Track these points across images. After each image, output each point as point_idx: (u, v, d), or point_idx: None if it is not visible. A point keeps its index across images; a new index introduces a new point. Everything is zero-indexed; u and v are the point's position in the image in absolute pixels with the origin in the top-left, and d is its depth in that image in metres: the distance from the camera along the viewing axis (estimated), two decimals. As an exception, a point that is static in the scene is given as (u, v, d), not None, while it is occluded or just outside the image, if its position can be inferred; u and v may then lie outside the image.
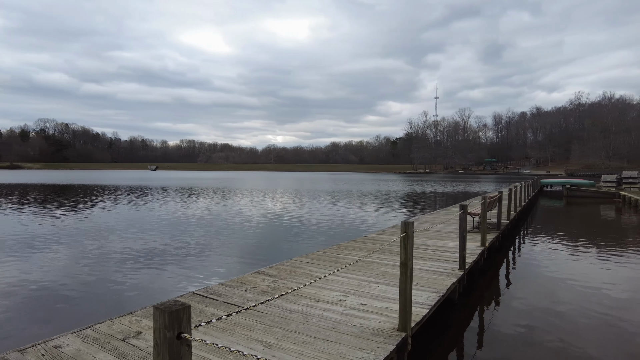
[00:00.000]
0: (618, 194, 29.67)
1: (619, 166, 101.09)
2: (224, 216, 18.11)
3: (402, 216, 19.38)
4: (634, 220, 18.99)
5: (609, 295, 7.15)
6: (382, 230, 11.01)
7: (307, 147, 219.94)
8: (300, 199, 28.77)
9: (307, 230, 14.50)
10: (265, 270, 6.49)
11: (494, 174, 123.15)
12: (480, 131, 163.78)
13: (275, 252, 10.59)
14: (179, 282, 7.68)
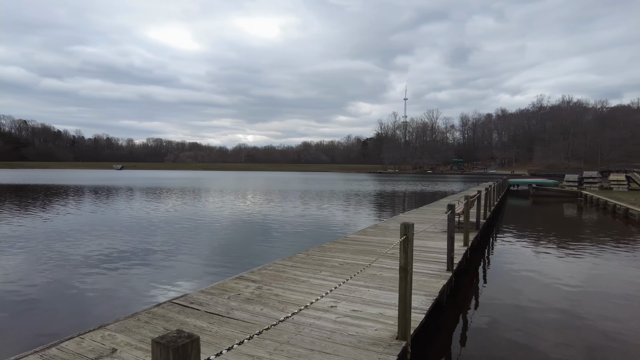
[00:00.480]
0: (580, 192, 30.93)
1: (577, 166, 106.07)
2: (195, 217, 17.45)
3: (378, 216, 19.32)
4: (595, 217, 19.77)
5: (577, 290, 7.24)
6: (363, 230, 10.83)
7: (279, 147, 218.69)
8: (273, 199, 28.30)
9: (284, 231, 14.15)
10: (247, 275, 6.12)
11: (461, 173, 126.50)
12: (448, 132, 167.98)
13: (254, 255, 10.19)
14: (153, 289, 7.17)
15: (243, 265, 8.60)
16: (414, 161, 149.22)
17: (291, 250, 10.03)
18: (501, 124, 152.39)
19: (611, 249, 11.48)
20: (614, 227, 16.33)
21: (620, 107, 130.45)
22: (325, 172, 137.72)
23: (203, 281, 7.37)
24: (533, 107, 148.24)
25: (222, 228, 14.63)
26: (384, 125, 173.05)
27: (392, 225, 11.63)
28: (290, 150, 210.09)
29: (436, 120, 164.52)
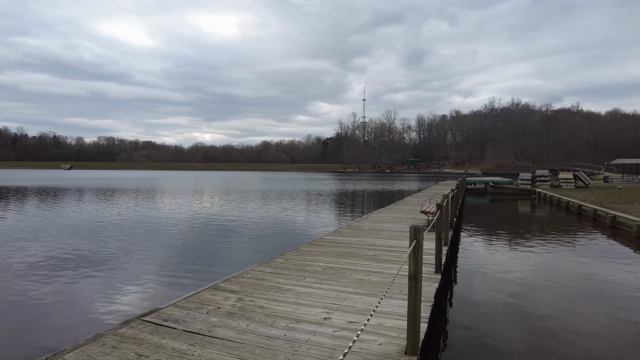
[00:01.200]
0: (534, 190, 32.39)
1: (525, 165, 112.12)
2: (151, 220, 16.38)
3: (346, 216, 19.07)
4: (551, 214, 20.64)
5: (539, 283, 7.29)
6: (337, 231, 10.45)
7: (237, 146, 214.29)
8: (234, 200, 27.38)
9: (251, 233, 13.51)
10: (224, 284, 5.54)
11: (417, 173, 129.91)
12: (405, 132, 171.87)
13: (225, 261, 9.54)
14: (114, 303, 6.38)
15: (214, 273, 7.97)
16: (372, 161, 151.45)
17: (264, 254, 9.49)
18: (455, 125, 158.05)
19: (572, 243, 11.87)
20: (569, 223, 17.02)
21: (562, 110, 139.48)
22: (285, 171, 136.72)
23: (172, 292, 6.67)
24: (485, 109, 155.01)
25: (182, 232, 13.76)
26: (344, 125, 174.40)
27: (366, 225, 11.35)
28: (250, 150, 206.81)
29: (394, 120, 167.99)
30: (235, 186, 44.39)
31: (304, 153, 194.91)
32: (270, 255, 8.49)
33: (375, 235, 9.63)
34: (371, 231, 10.21)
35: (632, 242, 12.18)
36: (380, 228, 10.72)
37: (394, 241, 8.88)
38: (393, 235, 9.59)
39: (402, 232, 10.04)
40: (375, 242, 8.76)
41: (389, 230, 10.32)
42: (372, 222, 12.01)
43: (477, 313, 6.06)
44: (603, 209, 16.58)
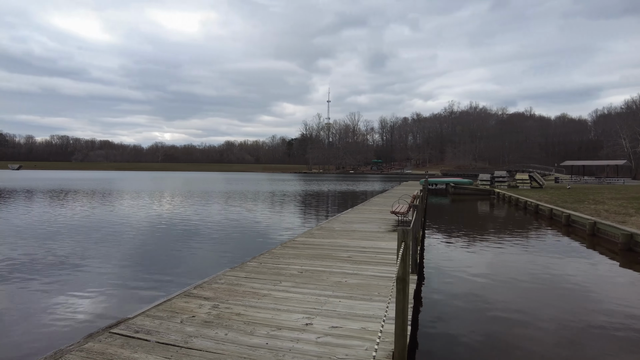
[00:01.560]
0: (493, 191, 33.70)
1: (483, 167, 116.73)
2: (110, 223, 15.58)
3: (314, 216, 18.99)
4: (507, 213, 21.54)
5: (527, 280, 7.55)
6: (309, 232, 10.32)
7: (199, 146, 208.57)
8: (197, 201, 26.63)
9: (218, 236, 13.13)
10: (197, 291, 5.27)
11: (380, 173, 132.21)
12: (368, 134, 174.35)
13: (193, 265, 9.16)
14: (77, 313, 5.92)
15: (183, 279, 7.62)
16: (337, 161, 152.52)
17: (234, 258, 9.22)
18: (416, 127, 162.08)
19: (531, 240, 12.40)
20: (528, 222, 17.79)
21: (516, 114, 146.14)
22: (249, 172, 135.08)
23: (141, 300, 6.30)
24: (445, 112, 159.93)
25: (144, 236, 13.16)
26: (309, 126, 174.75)
27: (337, 225, 11.30)
28: (212, 150, 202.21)
29: (357, 122, 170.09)
30: (198, 187, 43.26)
31: (268, 154, 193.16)
32: (241, 258, 8.24)
33: (347, 236, 9.58)
34: (343, 232, 10.16)
35: (586, 239, 12.85)
36: (351, 229, 10.69)
37: (367, 242, 8.86)
38: (365, 236, 9.58)
39: (374, 233, 10.06)
40: (348, 243, 8.70)
41: (360, 231, 10.31)
42: (342, 222, 11.98)
43: (451, 312, 6.13)
44: (558, 208, 17.44)
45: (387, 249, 8.03)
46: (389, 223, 11.74)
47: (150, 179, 67.56)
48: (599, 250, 11.34)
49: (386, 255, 7.46)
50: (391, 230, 10.40)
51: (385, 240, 8.98)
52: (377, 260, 7.10)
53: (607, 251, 11.07)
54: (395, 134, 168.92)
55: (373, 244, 8.57)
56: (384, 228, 10.85)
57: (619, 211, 15.86)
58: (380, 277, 5.94)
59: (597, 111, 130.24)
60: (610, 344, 5.03)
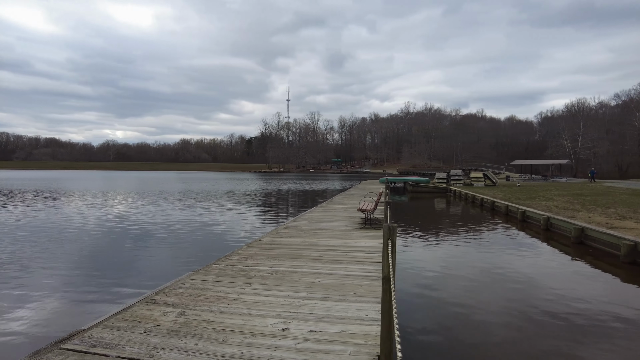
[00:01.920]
0: (449, 188, 34.76)
1: (437, 166, 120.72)
2: (57, 226, 14.47)
3: (277, 215, 18.64)
4: (466, 210, 22.25)
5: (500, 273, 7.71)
6: (275, 231, 10.01)
7: (153, 144, 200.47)
8: (152, 201, 25.46)
9: (177, 238, 12.51)
10: (159, 297, 4.86)
11: (340, 172, 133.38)
12: (328, 133, 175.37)
13: (153, 269, 8.59)
14: (21, 325, 5.29)
15: (143, 284, 7.10)
16: (297, 161, 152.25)
17: (197, 260, 8.75)
18: (374, 127, 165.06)
19: (489, 235, 12.80)
20: (487, 218, 18.42)
21: (469, 115, 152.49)
22: (207, 171, 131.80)
23: (96, 309, 5.75)
24: (401, 113, 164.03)
25: (95, 238, 12.30)
26: (268, 124, 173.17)
27: (304, 224, 11.06)
28: (167, 148, 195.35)
29: (317, 122, 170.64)
30: (152, 187, 41.49)
31: (226, 152, 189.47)
32: (204, 261, 7.82)
33: (315, 234, 9.37)
34: (310, 231, 9.94)
35: (540, 234, 13.43)
36: (319, 227, 10.50)
37: (336, 240, 8.70)
38: (333, 234, 9.41)
39: (342, 231, 9.92)
40: (317, 242, 8.49)
41: (328, 229, 10.14)
42: (308, 221, 11.75)
43: (428, 310, 6.08)
44: (514, 205, 18.18)
45: (357, 247, 7.90)
46: (356, 221, 11.66)
47: (102, 178, 64.12)
48: (552, 244, 11.87)
49: (357, 254, 7.32)
50: (358, 228, 10.30)
51: (354, 238, 8.86)
52: (349, 258, 6.94)
53: (560, 245, 11.61)
54: (354, 134, 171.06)
55: (342, 242, 8.42)
56: (351, 226, 10.75)
57: (567, 207, 16.75)
58: (354, 276, 5.78)
59: (542, 113, 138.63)
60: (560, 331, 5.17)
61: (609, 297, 6.94)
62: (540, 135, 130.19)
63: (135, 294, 6.30)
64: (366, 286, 5.31)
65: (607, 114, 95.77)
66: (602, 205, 17.02)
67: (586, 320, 5.76)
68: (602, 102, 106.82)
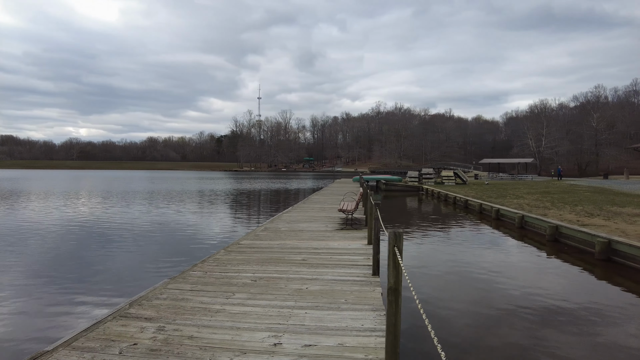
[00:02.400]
0: (421, 187, 35.22)
1: (407, 164, 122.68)
2: (13, 229, 13.51)
3: (251, 216, 18.19)
4: (437, 208, 22.52)
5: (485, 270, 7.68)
6: (253, 234, 9.64)
7: (119, 142, 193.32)
8: (119, 202, 24.39)
9: (147, 241, 11.90)
10: (134, 310, 4.44)
11: (312, 171, 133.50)
12: (300, 132, 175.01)
13: (124, 276, 8.01)
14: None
15: (114, 294, 6.58)
16: (269, 159, 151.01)
17: (171, 266, 8.28)
18: (346, 126, 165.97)
19: (465, 234, 12.90)
20: (462, 216, 18.66)
21: (437, 115, 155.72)
22: (175, 170, 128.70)
23: (61, 325, 5.22)
24: (372, 112, 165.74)
25: (57, 243, 11.51)
26: (239, 123, 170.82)
27: (282, 225, 10.74)
28: (134, 147, 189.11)
29: (289, 120, 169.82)
30: (118, 187, 39.91)
31: (196, 151, 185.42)
32: (179, 266, 7.41)
33: (295, 237, 9.08)
34: (290, 232, 9.64)
35: (515, 232, 13.67)
36: (298, 228, 10.21)
37: (318, 242, 8.44)
38: (314, 236, 9.15)
39: (322, 232, 9.67)
40: (298, 244, 8.20)
41: (308, 231, 9.86)
42: (287, 222, 11.44)
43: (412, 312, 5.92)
44: (487, 203, 18.49)
45: (341, 249, 7.67)
46: (335, 221, 11.45)
47: (64, 178, 61.22)
48: (527, 242, 12.06)
49: (342, 257, 7.08)
50: (339, 229, 10.08)
51: (336, 240, 8.63)
52: (334, 262, 6.69)
53: (536, 242, 11.81)
54: (326, 133, 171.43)
55: (325, 244, 8.16)
56: (331, 227, 10.51)
57: (538, 205, 17.18)
58: (343, 282, 5.54)
59: (507, 114, 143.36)
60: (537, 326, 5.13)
61: (584, 293, 7.05)
62: (505, 135, 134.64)
63: (106, 305, 5.83)
64: (357, 292, 5.07)
65: (567, 115, 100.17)
66: (569, 203, 17.58)
67: (564, 316, 5.77)
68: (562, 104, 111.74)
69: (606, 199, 19.14)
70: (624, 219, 12.49)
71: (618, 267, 8.82)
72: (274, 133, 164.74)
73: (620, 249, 8.98)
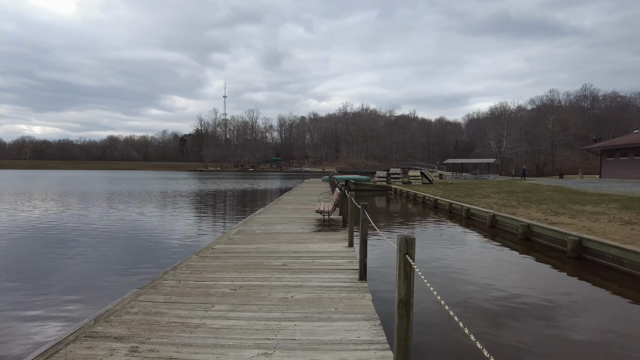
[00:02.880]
0: (390, 187, 35.55)
1: (373, 164, 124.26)
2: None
3: (214, 218, 17.55)
4: (407, 207, 22.72)
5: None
6: (227, 237, 9.15)
7: (77, 141, 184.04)
8: (75, 204, 22.99)
9: (109, 245, 11.12)
10: (102, 327, 3.94)
11: (279, 171, 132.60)
12: (267, 132, 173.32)
13: (86, 285, 7.31)
14: None
15: (76, 305, 5.96)
16: (235, 159, 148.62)
17: (139, 273, 7.69)
18: (313, 126, 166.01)
19: (437, 233, 12.96)
20: (428, 215, 18.84)
21: (402, 116, 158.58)
22: (137, 170, 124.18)
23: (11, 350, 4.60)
24: (339, 112, 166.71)
25: (5, 248, 10.55)
26: (204, 121, 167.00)
27: (257, 228, 10.31)
28: (93, 146, 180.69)
29: (256, 119, 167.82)
30: (75, 188, 37.78)
31: (158, 150, 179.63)
32: (148, 274, 6.86)
33: (272, 239, 8.70)
34: (266, 235, 9.24)
35: (486, 230, 13.86)
36: (274, 231, 9.83)
37: (297, 245, 8.10)
38: (292, 239, 8.80)
39: (300, 235, 9.33)
40: (276, 248, 7.83)
41: (284, 233, 9.50)
42: (261, 224, 11.01)
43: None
44: (457, 202, 18.75)
45: (322, 253, 7.36)
46: (311, 222, 11.14)
47: (15, 178, 57.42)
48: (499, 240, 12.23)
49: (324, 260, 6.78)
50: (316, 231, 9.79)
51: (316, 242, 8.32)
52: (317, 266, 6.38)
53: (508, 241, 11.99)
54: (293, 132, 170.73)
55: (304, 248, 7.83)
56: (308, 228, 10.19)
57: (505, 204, 17.59)
58: (330, 288, 5.24)
59: (469, 115, 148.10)
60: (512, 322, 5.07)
61: (556, 289, 7.19)
62: (467, 136, 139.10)
63: (66, 321, 5.25)
64: (346, 300, 4.79)
65: (525, 117, 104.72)
66: (534, 201, 18.12)
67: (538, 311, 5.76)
68: (520, 106, 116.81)
69: (567, 197, 19.90)
70: (587, 216, 12.92)
71: (588, 264, 9.03)
72: (240, 132, 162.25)
73: (591, 246, 9.20)
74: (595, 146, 42.74)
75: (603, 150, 39.05)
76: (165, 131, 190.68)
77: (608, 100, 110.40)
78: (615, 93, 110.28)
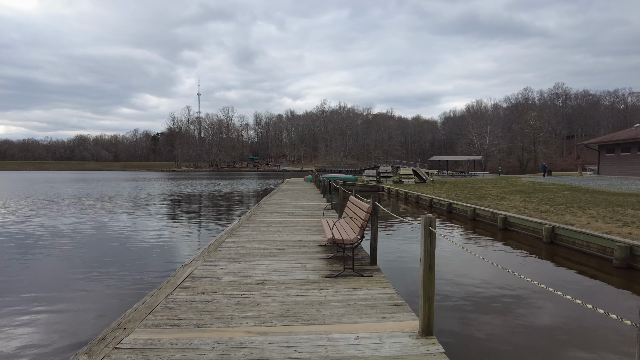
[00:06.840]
0: (381, 187, 32.23)
1: (352, 163, 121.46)
2: None
3: (209, 223, 13.54)
4: (398, 207, 19.33)
5: None
6: (218, 239, 5.32)
7: (43, 141, 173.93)
8: (38, 210, 18.49)
9: (81, 258, 7.07)
10: None
11: (256, 170, 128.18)
12: (243, 130, 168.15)
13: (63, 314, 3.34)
14: None
15: None
16: (210, 158, 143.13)
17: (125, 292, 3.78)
18: (290, 125, 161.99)
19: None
20: (446, 225, 15.42)
21: (380, 114, 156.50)
22: (106, 170, 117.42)
23: None
24: (317, 110, 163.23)
25: None
26: (177, 120, 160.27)
27: (223, 268, 6.43)
28: (60, 145, 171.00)
29: (231, 118, 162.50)
30: (39, 190, 33.26)
31: (129, 150, 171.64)
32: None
33: (248, 305, 4.91)
34: (237, 291, 5.40)
35: (542, 248, 10.48)
36: (254, 277, 5.98)
37: (301, 327, 4.36)
38: (289, 304, 5.03)
39: (302, 288, 5.56)
40: (256, 339, 4.06)
41: (271, 283, 5.67)
42: (231, 259, 7.13)
43: None
44: (485, 208, 15.24)
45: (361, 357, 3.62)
46: (314, 253, 7.33)
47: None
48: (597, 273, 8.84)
49: None
50: (331, 276, 5.92)
51: (340, 315, 4.55)
52: None
53: (603, 273, 8.60)
54: (270, 131, 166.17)
55: (320, 337, 4.08)
56: (312, 267, 6.36)
57: (538, 208, 14.33)
58: None
59: (445, 114, 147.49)
60: None
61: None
62: (444, 134, 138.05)
63: None
64: None
65: (502, 115, 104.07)
66: (566, 204, 14.91)
67: None
68: (496, 104, 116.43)
69: (602, 198, 16.85)
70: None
71: None
72: (215, 131, 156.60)
73: None
74: (593, 141, 40.64)
75: (601, 146, 36.84)
76: (137, 130, 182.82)
77: (579, 98, 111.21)
78: (586, 92, 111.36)
